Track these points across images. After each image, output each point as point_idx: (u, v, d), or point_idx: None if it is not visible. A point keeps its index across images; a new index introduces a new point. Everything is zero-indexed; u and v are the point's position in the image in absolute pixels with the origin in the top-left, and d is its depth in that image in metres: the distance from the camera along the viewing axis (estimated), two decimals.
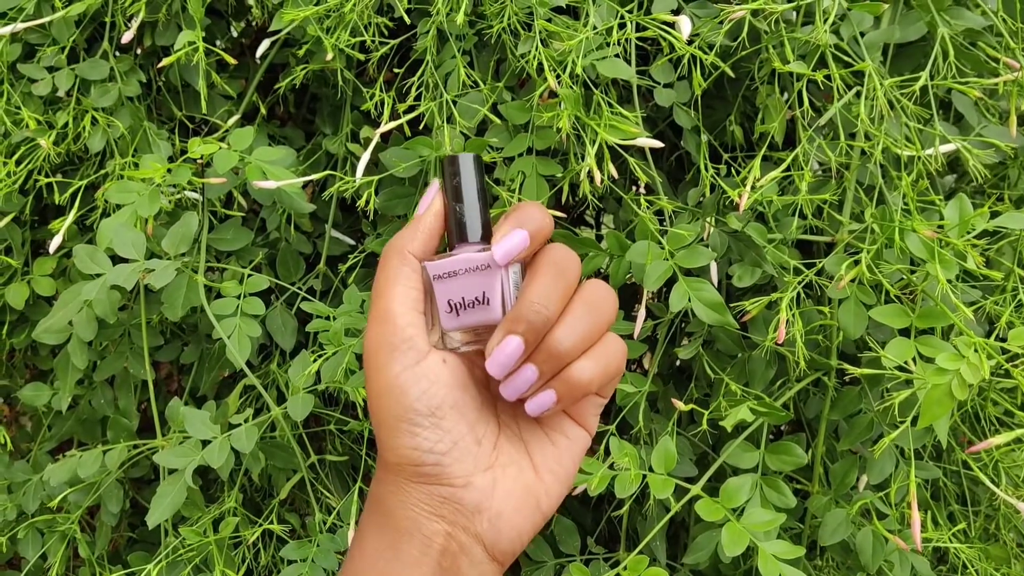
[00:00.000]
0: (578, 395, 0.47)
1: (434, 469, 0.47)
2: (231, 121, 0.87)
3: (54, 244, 0.75)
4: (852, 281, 0.62)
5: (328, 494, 0.79)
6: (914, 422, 0.61)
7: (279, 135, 0.96)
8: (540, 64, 0.69)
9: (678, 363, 0.87)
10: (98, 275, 0.71)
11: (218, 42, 0.98)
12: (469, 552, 0.48)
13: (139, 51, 0.89)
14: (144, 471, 0.88)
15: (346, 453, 0.85)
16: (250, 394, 0.85)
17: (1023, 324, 0.61)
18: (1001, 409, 0.72)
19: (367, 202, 0.66)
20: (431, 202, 0.50)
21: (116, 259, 0.71)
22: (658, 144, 0.65)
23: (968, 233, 0.58)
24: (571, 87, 0.66)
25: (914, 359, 0.58)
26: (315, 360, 0.66)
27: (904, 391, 0.55)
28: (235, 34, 1.01)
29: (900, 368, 0.57)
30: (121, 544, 0.98)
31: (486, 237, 0.50)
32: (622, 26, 0.67)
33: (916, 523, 0.59)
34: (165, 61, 0.73)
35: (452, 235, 0.50)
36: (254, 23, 1.00)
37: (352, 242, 0.90)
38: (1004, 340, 0.57)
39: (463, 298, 0.48)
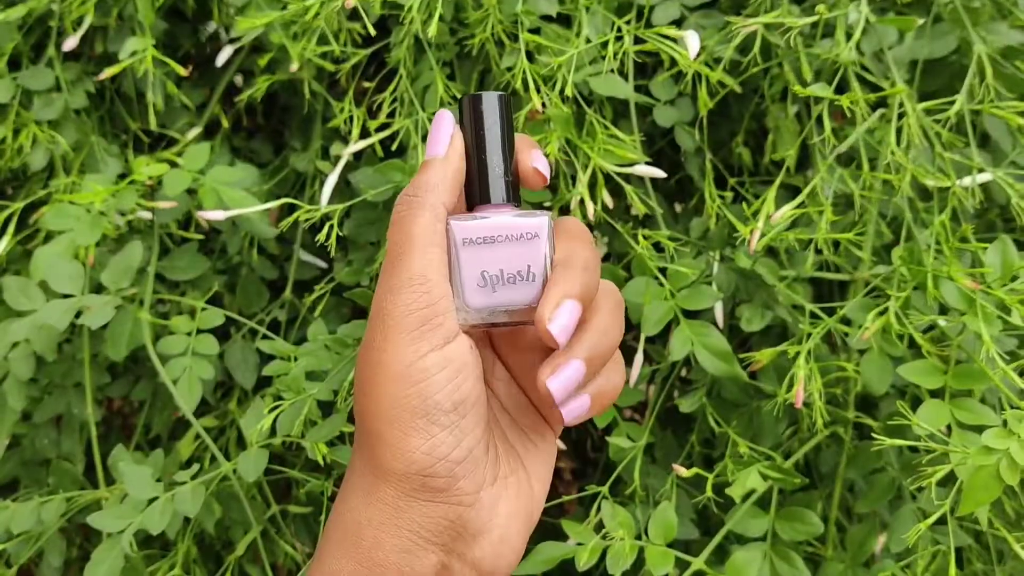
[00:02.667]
0: (605, 405, 0.42)
1: (446, 482, 0.39)
2: (191, 134, 0.80)
3: None
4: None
5: (291, 548, 0.72)
6: (940, 484, 0.54)
7: (246, 148, 0.88)
8: (528, 78, 0.61)
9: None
10: (32, 311, 0.63)
11: (183, 47, 0.91)
12: None
13: (90, 58, 0.82)
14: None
15: (313, 501, 0.77)
16: (208, 434, 0.77)
17: None
18: None
19: (327, 235, 0.58)
20: (452, 140, 0.42)
21: (53, 293, 0.64)
22: (660, 174, 0.58)
23: (1013, 280, 0.51)
24: (560, 107, 0.59)
25: (948, 426, 0.51)
26: (270, 410, 0.58)
27: (940, 467, 0.47)
28: (208, 34, 0.93)
29: (931, 436, 0.49)
30: None
31: (515, 198, 0.42)
32: (619, 39, 0.60)
33: None
34: (108, 71, 0.66)
35: (474, 193, 0.42)
36: (219, 28, 0.93)
37: (324, 264, 0.83)
38: None
39: (501, 271, 0.40)
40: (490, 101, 0.42)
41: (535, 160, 0.42)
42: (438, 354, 0.39)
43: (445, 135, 0.42)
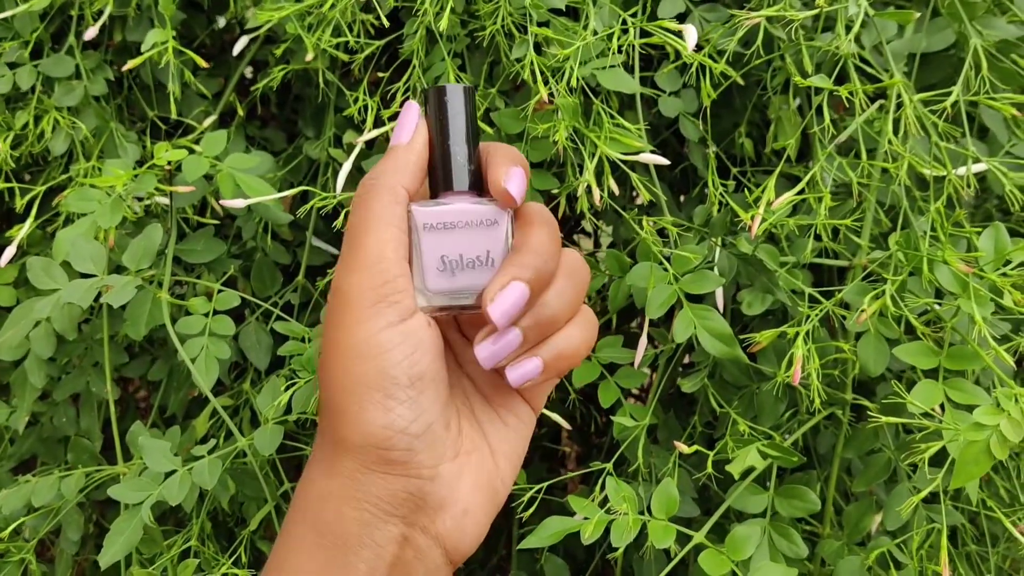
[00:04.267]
0: (564, 367, 0.42)
1: (404, 455, 0.40)
2: (207, 122, 0.81)
3: (6, 256, 0.70)
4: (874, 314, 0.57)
5: None
6: (933, 464, 0.56)
7: (259, 137, 0.90)
8: (537, 70, 0.63)
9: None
10: (54, 290, 0.65)
11: (198, 37, 0.93)
12: (425, 558, 0.42)
13: (109, 47, 0.84)
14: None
15: None
16: (221, 415, 0.79)
17: None
18: None
19: (344, 222, 0.60)
20: (417, 128, 0.43)
21: (76, 272, 0.66)
22: (663, 161, 0.60)
23: (1005, 265, 0.52)
24: (568, 96, 0.61)
25: (942, 404, 0.53)
26: (286, 388, 0.60)
27: (933, 444, 0.49)
28: (221, 26, 0.95)
29: (926, 415, 0.51)
30: (87, 568, 0.93)
31: (477, 186, 0.44)
32: (625, 31, 0.62)
33: None
34: (131, 63, 0.68)
35: (437, 180, 0.43)
36: (235, 18, 0.95)
37: (335, 251, 0.85)
38: None
39: (460, 255, 0.42)
40: (455, 93, 0.43)
41: (507, 180, 0.42)
42: (394, 330, 0.40)
43: (410, 125, 0.43)
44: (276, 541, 0.43)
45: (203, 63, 0.71)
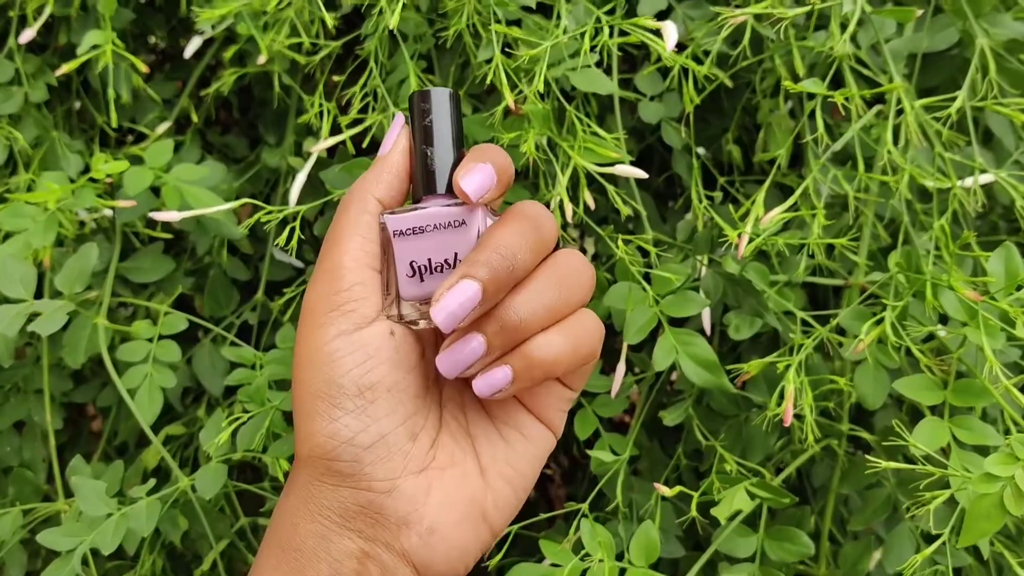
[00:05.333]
0: (539, 376, 0.39)
1: (350, 467, 0.39)
2: (160, 129, 0.76)
3: None
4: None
5: None
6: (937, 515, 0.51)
7: (220, 144, 0.85)
8: (506, 72, 0.58)
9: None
10: None
11: (152, 39, 0.87)
12: (393, 575, 0.39)
13: (55, 50, 0.78)
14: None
15: None
16: (174, 443, 0.74)
17: None
18: None
19: (288, 238, 0.54)
20: (396, 138, 0.43)
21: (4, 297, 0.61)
22: (641, 174, 0.55)
23: (1018, 289, 0.47)
24: (538, 102, 0.56)
25: (948, 444, 0.48)
26: (228, 423, 0.55)
27: (940, 493, 0.44)
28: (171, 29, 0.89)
29: (928, 458, 0.46)
30: None
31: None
32: (599, 30, 0.56)
33: None
34: (65, 67, 0.62)
35: (418, 186, 0.42)
36: (191, 18, 0.89)
37: (300, 264, 0.79)
38: None
39: (429, 260, 0.40)
40: (438, 96, 0.42)
41: (463, 176, 0.40)
42: (345, 339, 0.39)
43: (393, 134, 0.43)
44: (258, 555, 0.42)
45: (143, 67, 0.66)
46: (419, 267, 0.40)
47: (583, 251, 0.98)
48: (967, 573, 0.66)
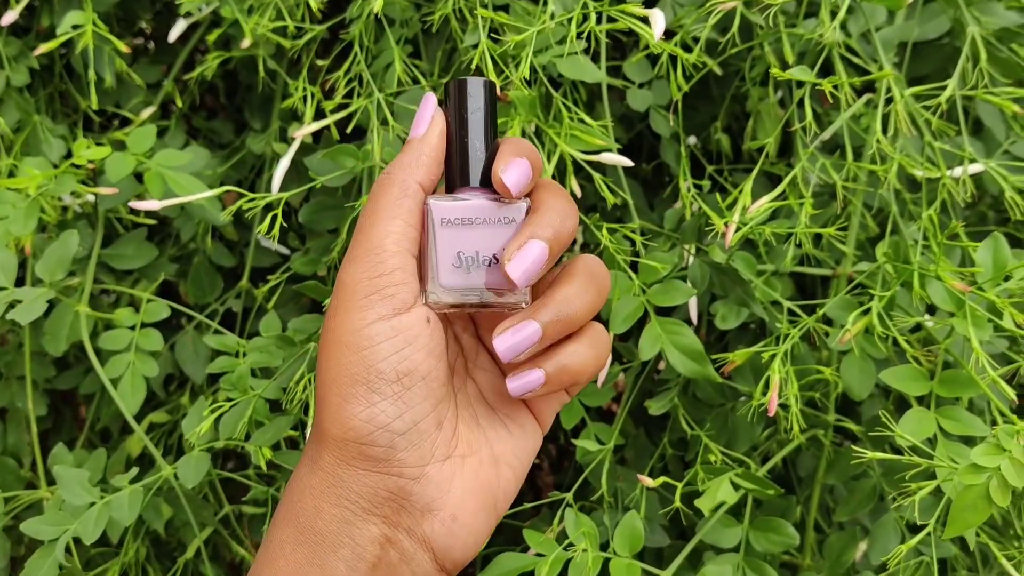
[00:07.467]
0: (566, 382, 0.41)
1: (384, 452, 0.39)
2: (144, 114, 0.75)
3: None
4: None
5: (243, 550, 0.69)
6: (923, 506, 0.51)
7: (205, 129, 0.84)
8: (492, 58, 0.57)
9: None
10: None
11: (137, 21, 0.86)
12: (412, 561, 0.40)
13: (39, 33, 0.77)
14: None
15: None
16: (157, 431, 0.73)
17: None
18: None
19: (270, 226, 0.54)
20: (432, 119, 0.42)
21: None
22: (627, 162, 0.54)
23: (1005, 280, 0.47)
24: (524, 88, 0.55)
25: (934, 435, 0.47)
26: (210, 412, 0.55)
27: (925, 484, 0.44)
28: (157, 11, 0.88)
29: (915, 449, 0.46)
30: None
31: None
32: (587, 15, 0.56)
33: None
34: (43, 47, 0.61)
35: (455, 174, 0.42)
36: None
37: (286, 251, 0.79)
38: None
39: (477, 252, 0.41)
40: (475, 86, 0.42)
41: (504, 170, 0.40)
42: (385, 323, 0.39)
43: (426, 116, 0.42)
44: (265, 535, 0.42)
45: (124, 47, 0.65)
46: (467, 258, 0.41)
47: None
48: (952, 564, 0.66)
